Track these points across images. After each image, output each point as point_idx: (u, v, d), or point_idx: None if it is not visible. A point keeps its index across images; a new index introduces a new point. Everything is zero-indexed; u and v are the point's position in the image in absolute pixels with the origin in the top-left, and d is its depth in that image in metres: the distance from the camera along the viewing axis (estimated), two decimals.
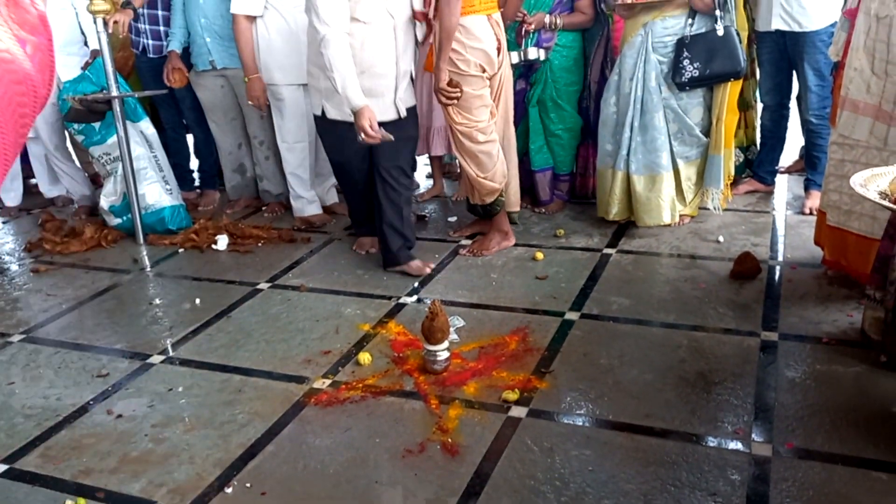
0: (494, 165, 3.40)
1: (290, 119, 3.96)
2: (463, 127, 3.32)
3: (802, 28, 3.59)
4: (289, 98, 3.90)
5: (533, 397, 2.42)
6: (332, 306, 3.19)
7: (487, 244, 3.59)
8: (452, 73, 3.22)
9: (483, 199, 3.48)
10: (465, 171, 3.45)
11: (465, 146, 3.36)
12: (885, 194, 0.88)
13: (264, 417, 2.40)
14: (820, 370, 2.47)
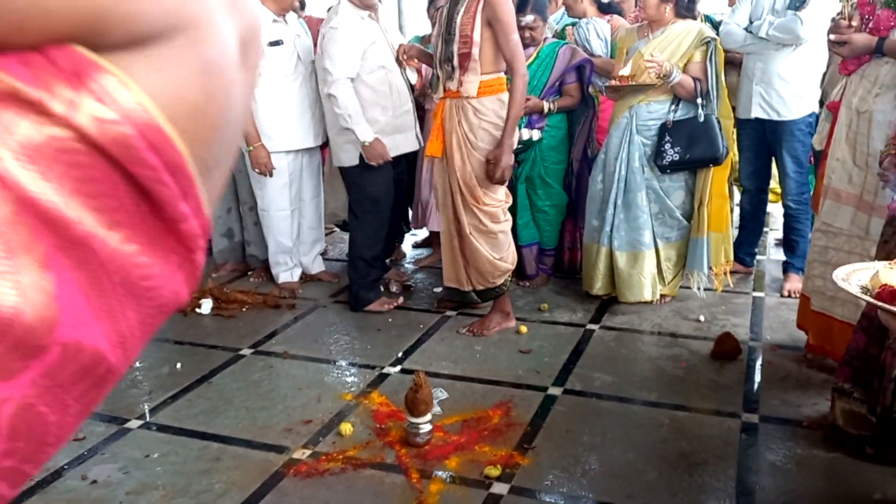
0: (509, 246, 3.45)
1: (273, 187, 4.00)
2: (490, 207, 3.34)
3: (781, 117, 3.72)
4: (275, 167, 3.94)
5: (515, 474, 2.40)
6: (314, 374, 3.17)
7: (488, 325, 3.53)
8: (490, 151, 3.27)
9: (494, 281, 3.45)
10: (477, 255, 3.36)
11: (487, 228, 3.35)
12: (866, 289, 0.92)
13: (242, 488, 2.36)
14: (801, 454, 2.48)
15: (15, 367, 0.22)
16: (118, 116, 0.24)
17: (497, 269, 3.43)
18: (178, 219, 0.26)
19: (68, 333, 0.23)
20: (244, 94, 0.30)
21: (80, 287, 0.23)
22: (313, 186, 4.23)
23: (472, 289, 3.49)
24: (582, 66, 3.96)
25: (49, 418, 0.24)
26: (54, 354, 0.23)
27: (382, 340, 3.49)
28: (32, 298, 0.23)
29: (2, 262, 0.22)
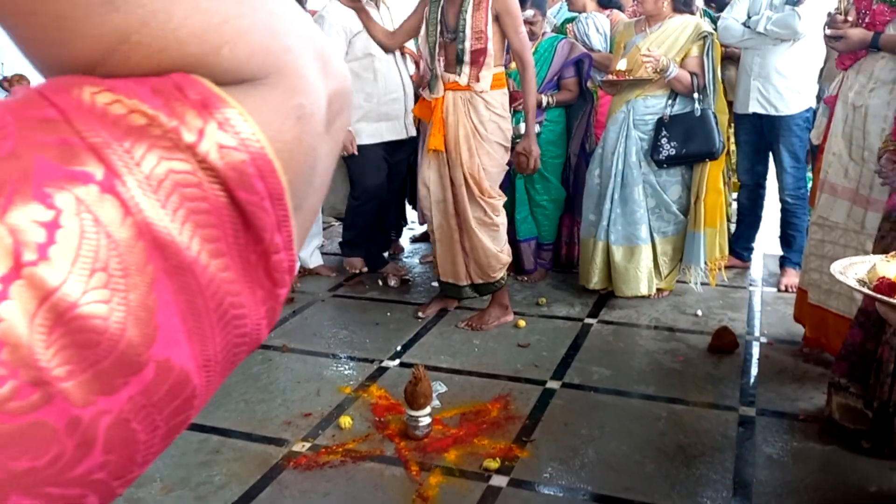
0: (505, 239, 3.47)
1: None
2: (494, 200, 3.38)
3: (778, 112, 3.74)
4: None
5: (514, 466, 2.42)
6: (313, 368, 3.18)
7: (487, 319, 3.54)
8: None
9: (493, 275, 3.46)
10: (480, 248, 3.38)
11: (490, 220, 3.37)
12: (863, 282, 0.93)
13: (241, 480, 2.37)
14: (797, 447, 2.49)
15: (117, 382, 0.24)
16: (237, 144, 0.26)
17: (498, 261, 3.44)
18: (272, 249, 0.28)
19: (162, 352, 0.24)
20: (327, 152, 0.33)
21: (178, 309, 0.25)
22: None
23: (471, 283, 3.49)
24: (580, 60, 3.96)
25: (140, 436, 0.25)
26: (150, 372, 0.24)
27: (381, 334, 3.50)
28: (137, 316, 0.24)
29: (118, 280, 0.24)
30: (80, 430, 0.23)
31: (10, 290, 0.22)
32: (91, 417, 0.23)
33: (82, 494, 0.24)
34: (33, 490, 0.23)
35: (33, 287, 0.22)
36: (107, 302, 0.23)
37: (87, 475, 0.24)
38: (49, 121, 0.24)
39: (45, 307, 0.22)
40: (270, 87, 0.28)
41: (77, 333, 0.23)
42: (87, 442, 0.24)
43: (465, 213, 3.36)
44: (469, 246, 3.42)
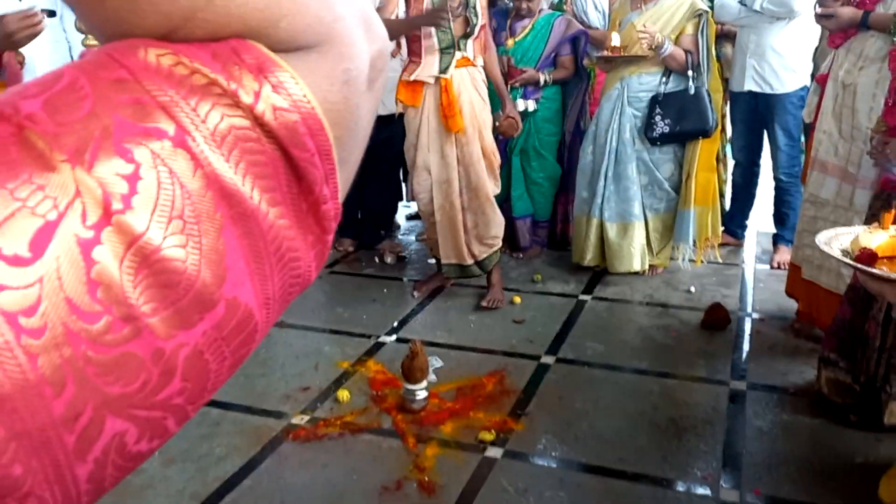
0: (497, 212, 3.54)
1: None
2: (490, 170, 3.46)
3: (774, 90, 3.75)
4: None
5: (509, 438, 2.47)
6: (311, 343, 3.22)
7: (499, 295, 3.58)
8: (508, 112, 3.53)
9: (495, 244, 3.50)
10: (489, 221, 3.45)
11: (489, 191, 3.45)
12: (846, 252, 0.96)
13: (242, 452, 2.42)
14: (786, 420, 2.55)
15: (194, 318, 0.27)
16: (289, 105, 0.29)
17: (499, 229, 3.51)
18: (321, 200, 0.31)
19: (231, 290, 0.28)
20: (369, 108, 0.36)
21: (243, 252, 0.28)
22: None
23: (475, 260, 3.51)
24: (577, 37, 3.97)
25: (211, 366, 0.29)
26: (221, 309, 0.28)
27: (378, 310, 3.54)
28: (210, 258, 0.28)
29: (192, 226, 0.27)
30: (164, 361, 0.27)
31: (102, 235, 0.25)
32: (172, 349, 0.27)
33: (163, 417, 0.28)
34: (125, 412, 0.26)
35: (121, 233, 0.25)
36: (183, 246, 0.26)
37: (168, 400, 0.27)
38: (121, 81, 0.27)
39: (131, 251, 0.25)
40: (322, 54, 0.31)
41: (160, 274, 0.26)
42: (169, 371, 0.27)
43: (480, 188, 3.39)
44: (474, 222, 3.44)
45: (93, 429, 0.25)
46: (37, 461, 0.24)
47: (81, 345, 0.25)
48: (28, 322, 0.23)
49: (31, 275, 0.24)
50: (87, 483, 0.26)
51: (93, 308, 0.25)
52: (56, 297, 0.24)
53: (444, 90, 3.27)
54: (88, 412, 0.25)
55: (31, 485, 0.24)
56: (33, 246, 0.24)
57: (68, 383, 0.24)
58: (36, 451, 0.24)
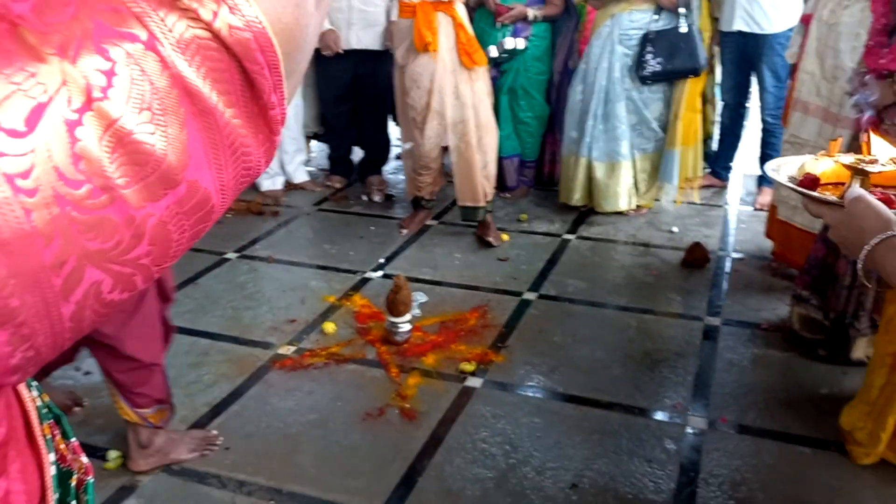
0: None
1: None
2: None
3: (763, 30, 3.74)
4: None
5: (488, 369, 2.55)
6: (298, 278, 3.28)
7: (496, 232, 3.64)
8: None
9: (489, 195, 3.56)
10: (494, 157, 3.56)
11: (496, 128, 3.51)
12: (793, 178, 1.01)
13: (230, 379, 2.50)
14: (757, 354, 2.64)
15: (160, 193, 0.32)
16: (243, 25, 0.33)
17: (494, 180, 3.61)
18: (269, 106, 0.36)
19: (192, 174, 0.33)
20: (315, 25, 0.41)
21: (202, 143, 0.33)
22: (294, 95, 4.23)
23: (487, 201, 3.55)
24: None
25: (173, 235, 0.34)
26: (183, 189, 0.33)
27: (365, 247, 3.59)
28: (175, 145, 0.33)
29: (159, 117, 0.32)
30: (134, 226, 0.32)
31: (84, 118, 0.30)
32: (141, 218, 0.32)
33: (133, 273, 0.33)
34: (101, 265, 0.32)
35: (100, 117, 0.30)
36: (152, 133, 0.31)
37: (137, 259, 0.33)
38: None
39: (108, 133, 0.30)
40: None
41: (132, 154, 0.31)
42: (139, 235, 0.32)
43: (489, 123, 3.47)
44: (484, 161, 3.48)
45: (75, 275, 0.31)
46: (30, 297, 0.30)
47: (67, 206, 0.30)
48: (23, 183, 0.29)
49: (26, 145, 0.29)
50: (69, 321, 0.32)
51: (76, 177, 0.30)
52: (46, 165, 0.29)
53: (461, 27, 3.29)
54: (72, 261, 0.30)
55: (25, 316, 0.30)
56: (27, 122, 0.29)
57: (56, 236, 0.30)
58: (29, 288, 0.30)
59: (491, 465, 2.08)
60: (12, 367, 0.31)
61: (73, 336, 0.33)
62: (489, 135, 3.48)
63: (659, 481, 2.02)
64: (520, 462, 2.09)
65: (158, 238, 0.33)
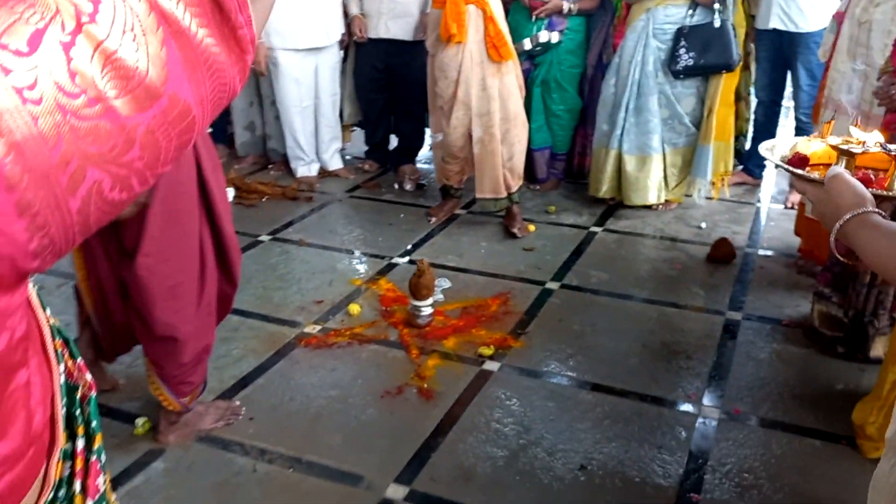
0: None
1: (285, 84, 4.12)
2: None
3: (798, 28, 3.72)
4: (283, 63, 4.06)
5: (507, 354, 2.61)
6: (327, 261, 3.37)
7: (523, 223, 3.68)
8: None
9: (521, 174, 3.62)
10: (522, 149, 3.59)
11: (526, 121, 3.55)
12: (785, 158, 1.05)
13: (257, 354, 2.59)
14: (776, 349, 2.65)
15: (145, 104, 0.39)
16: None
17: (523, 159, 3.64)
18: (237, 26, 0.43)
19: (172, 88, 0.40)
20: None
21: (180, 61, 0.41)
22: (330, 85, 4.32)
23: (509, 193, 3.60)
24: None
25: (161, 143, 0.41)
26: (165, 100, 0.40)
27: (393, 234, 3.67)
28: (155, 62, 0.39)
29: (140, 37, 0.39)
30: (126, 132, 0.39)
31: (76, 39, 0.37)
32: (132, 125, 0.39)
33: (128, 175, 0.40)
34: (101, 166, 0.39)
35: (90, 38, 0.37)
36: (135, 51, 0.38)
37: (131, 162, 0.40)
38: None
39: (97, 51, 0.37)
40: None
41: (119, 70, 0.38)
42: (130, 140, 0.39)
43: (517, 116, 3.51)
44: (509, 154, 3.52)
45: (79, 174, 0.38)
46: (42, 191, 0.37)
47: (67, 114, 0.37)
48: (30, 94, 0.36)
49: (30, 63, 0.36)
50: (77, 214, 0.39)
51: (73, 90, 0.37)
52: (48, 79, 0.36)
53: (490, 20, 3.32)
54: (75, 161, 0.38)
55: (39, 207, 0.37)
56: (29, 43, 0.36)
57: (60, 140, 0.37)
58: (41, 183, 0.37)
59: (503, 445, 2.14)
60: (32, 251, 0.39)
61: (81, 230, 0.40)
62: (517, 127, 3.51)
63: (667, 466, 2.06)
64: (531, 443, 2.15)
65: (148, 144, 0.40)
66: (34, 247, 0.38)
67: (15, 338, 0.44)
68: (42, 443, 0.54)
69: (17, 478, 0.50)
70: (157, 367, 2.02)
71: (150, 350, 2.01)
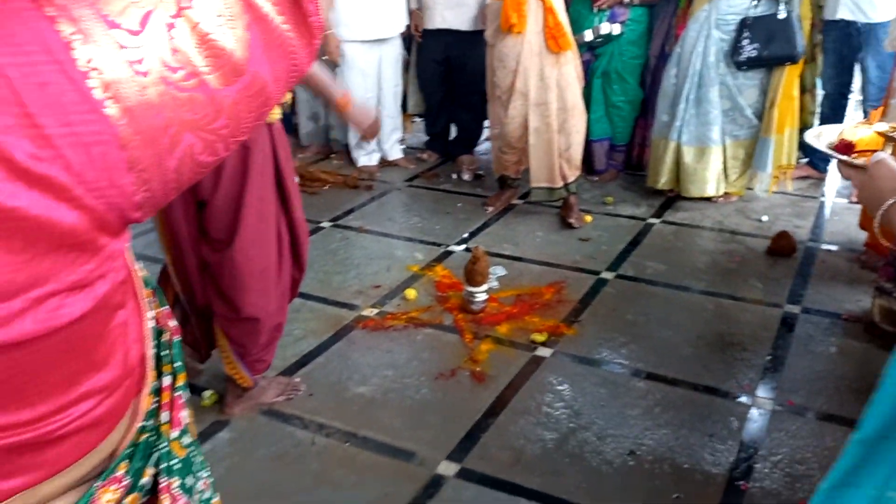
0: None
1: (350, 75, 4.20)
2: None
3: (868, 19, 3.63)
4: (350, 55, 4.15)
5: (559, 341, 2.64)
6: (385, 248, 3.45)
7: (580, 214, 3.70)
8: None
9: (579, 164, 3.63)
10: (581, 139, 3.59)
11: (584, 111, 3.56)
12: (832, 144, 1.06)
13: (317, 335, 2.69)
14: (834, 343, 2.61)
15: (231, 79, 0.46)
16: None
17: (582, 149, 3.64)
18: (308, 13, 0.50)
19: (254, 66, 0.47)
20: None
21: (260, 43, 0.48)
22: (393, 76, 4.40)
23: (564, 183, 3.62)
24: None
25: (242, 114, 0.48)
26: (248, 77, 0.47)
27: (450, 222, 3.73)
28: (240, 43, 0.47)
29: (229, 21, 0.46)
30: (215, 103, 0.46)
31: (177, 22, 0.44)
32: (220, 97, 0.46)
33: (215, 140, 0.47)
34: (194, 132, 0.46)
35: (188, 21, 0.44)
36: (224, 34, 0.45)
37: (218, 129, 0.47)
38: None
39: (194, 32, 0.44)
40: None
41: (211, 49, 0.45)
42: (218, 110, 0.46)
43: (576, 107, 3.51)
44: (566, 144, 3.54)
45: (177, 137, 0.45)
46: (148, 150, 0.44)
47: (169, 85, 0.44)
48: (140, 67, 0.43)
49: (140, 40, 0.43)
50: (174, 172, 0.46)
51: (174, 65, 0.44)
52: (154, 55, 0.43)
53: (549, 11, 3.34)
54: (174, 126, 0.45)
55: (145, 164, 0.45)
56: (140, 24, 0.43)
57: (163, 107, 0.44)
58: (147, 143, 0.44)
59: (553, 428, 2.18)
60: (137, 203, 0.46)
61: (175, 186, 0.47)
62: (574, 118, 3.52)
63: (717, 454, 2.07)
64: (581, 427, 2.18)
65: (232, 114, 0.47)
66: (139, 199, 0.46)
67: (117, 280, 0.51)
68: (135, 377, 0.62)
69: (115, 404, 0.58)
70: (238, 347, 2.14)
71: (232, 331, 2.12)
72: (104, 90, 0.42)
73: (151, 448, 0.67)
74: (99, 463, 0.61)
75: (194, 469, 0.73)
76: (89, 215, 0.44)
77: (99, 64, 0.42)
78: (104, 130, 0.42)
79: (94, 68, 0.42)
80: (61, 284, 0.46)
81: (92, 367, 0.54)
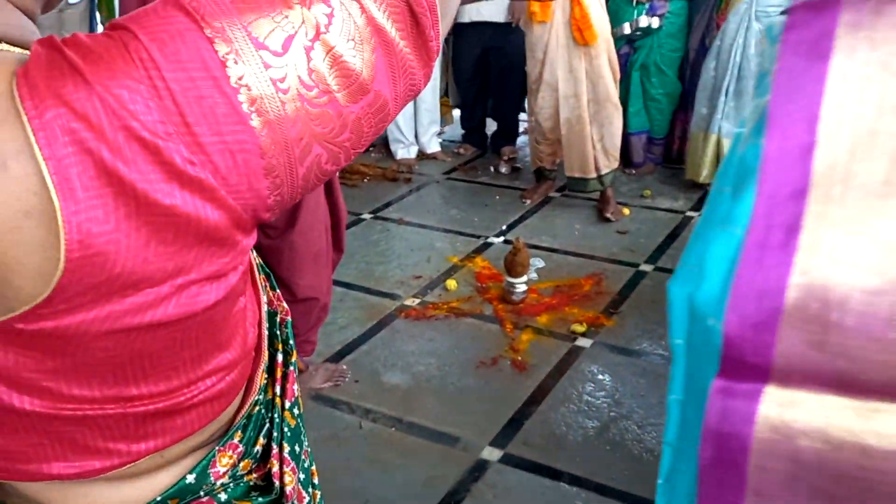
0: None
1: None
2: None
3: None
4: None
5: (599, 332, 2.68)
6: (426, 239, 3.51)
7: (617, 206, 3.72)
8: None
9: (617, 156, 3.62)
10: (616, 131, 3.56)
11: (618, 102, 3.55)
12: None
13: (361, 323, 2.76)
14: None
15: (358, 97, 0.51)
16: None
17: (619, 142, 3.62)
18: (429, 38, 0.55)
19: (378, 85, 0.52)
20: None
21: (384, 65, 0.52)
22: None
23: (598, 174, 3.64)
24: None
25: (364, 128, 0.53)
26: (371, 96, 0.52)
27: (489, 214, 3.78)
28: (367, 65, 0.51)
29: (358, 45, 0.50)
30: (342, 118, 0.51)
31: (315, 45, 0.49)
32: (346, 113, 0.51)
33: (339, 152, 0.52)
34: (322, 143, 0.51)
35: (325, 45, 0.49)
36: (354, 56, 0.50)
37: (342, 142, 0.52)
38: None
39: (329, 55, 0.49)
40: None
41: (342, 69, 0.50)
42: (344, 125, 0.51)
43: (609, 99, 3.48)
44: (600, 134, 3.54)
45: (307, 148, 0.50)
46: (282, 158, 0.49)
47: (304, 102, 0.49)
48: (281, 85, 0.48)
49: (283, 61, 0.48)
50: (301, 180, 0.52)
51: (310, 83, 0.49)
52: (293, 74, 0.48)
53: (577, 2, 3.33)
54: (306, 138, 0.50)
55: (279, 171, 0.50)
56: (283, 46, 0.48)
57: (298, 121, 0.49)
58: (282, 152, 0.49)
59: (594, 416, 2.23)
60: (269, 205, 0.51)
61: (300, 192, 0.53)
62: (607, 109, 3.50)
63: None
64: (622, 416, 2.22)
65: (355, 129, 0.52)
66: (271, 202, 0.51)
67: (243, 270, 0.57)
68: (251, 356, 0.68)
69: (234, 381, 0.64)
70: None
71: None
72: (250, 104, 0.47)
73: (263, 420, 0.74)
74: (217, 430, 0.68)
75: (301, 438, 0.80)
76: (229, 214, 0.49)
77: (248, 81, 0.47)
78: (248, 140, 0.48)
79: (244, 84, 0.47)
80: (201, 274, 0.51)
81: (217, 347, 0.60)
